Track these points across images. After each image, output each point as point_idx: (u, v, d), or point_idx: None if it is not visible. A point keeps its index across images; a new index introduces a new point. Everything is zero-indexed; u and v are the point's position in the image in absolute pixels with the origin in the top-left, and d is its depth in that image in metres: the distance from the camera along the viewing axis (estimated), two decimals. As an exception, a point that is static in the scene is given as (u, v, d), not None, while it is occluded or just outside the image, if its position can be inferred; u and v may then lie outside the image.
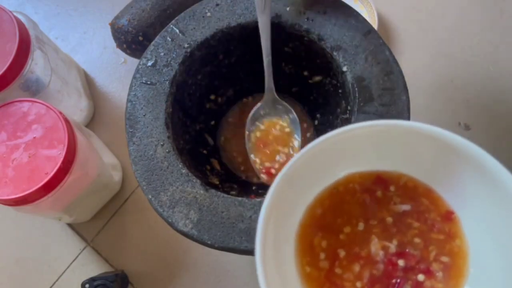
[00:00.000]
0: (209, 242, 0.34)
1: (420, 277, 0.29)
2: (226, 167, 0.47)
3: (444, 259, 0.29)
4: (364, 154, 0.30)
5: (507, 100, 0.55)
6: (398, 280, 0.29)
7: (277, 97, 0.43)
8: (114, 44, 0.55)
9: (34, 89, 0.48)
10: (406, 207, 0.31)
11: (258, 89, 0.49)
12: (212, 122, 0.48)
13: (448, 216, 0.30)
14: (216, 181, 0.42)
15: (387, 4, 0.60)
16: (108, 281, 0.48)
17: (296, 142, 0.42)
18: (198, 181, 0.36)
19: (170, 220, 0.35)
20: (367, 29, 0.38)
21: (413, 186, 0.31)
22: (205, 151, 0.46)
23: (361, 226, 0.31)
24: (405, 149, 0.29)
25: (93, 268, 0.52)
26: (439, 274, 0.29)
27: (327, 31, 0.39)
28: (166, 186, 0.36)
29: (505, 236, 0.27)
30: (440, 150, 0.28)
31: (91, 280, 0.48)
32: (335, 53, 0.38)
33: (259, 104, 0.43)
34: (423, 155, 0.29)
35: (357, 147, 0.30)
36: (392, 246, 0.30)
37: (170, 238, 0.52)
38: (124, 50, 0.55)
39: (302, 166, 0.28)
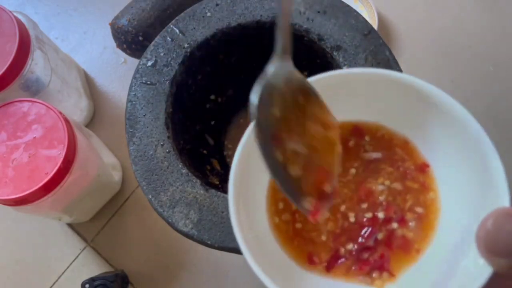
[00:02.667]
0: (209, 242, 0.34)
1: (394, 225, 0.29)
2: (226, 167, 0.47)
3: (419, 209, 0.29)
4: (347, 104, 0.30)
5: (507, 100, 0.55)
6: (370, 229, 0.29)
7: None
8: (114, 44, 0.55)
9: (34, 89, 0.48)
10: (376, 154, 0.30)
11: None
12: (212, 122, 0.48)
13: (423, 168, 0.30)
14: (216, 181, 0.42)
15: (387, 4, 0.60)
16: (108, 281, 0.48)
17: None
18: (198, 181, 0.36)
19: (170, 220, 0.35)
20: (367, 29, 0.38)
21: (389, 138, 0.30)
22: (205, 151, 0.46)
23: None
24: (386, 100, 0.29)
25: (93, 268, 0.52)
26: (412, 224, 0.29)
27: (327, 31, 0.39)
28: (166, 186, 0.36)
29: (473, 193, 0.27)
30: (416, 100, 0.28)
31: (91, 280, 0.48)
32: (335, 53, 0.38)
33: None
34: (401, 106, 0.29)
35: (340, 96, 0.29)
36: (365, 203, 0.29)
37: (170, 238, 0.52)
38: (124, 50, 0.55)
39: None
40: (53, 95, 0.51)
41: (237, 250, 0.34)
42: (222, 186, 0.42)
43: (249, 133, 0.27)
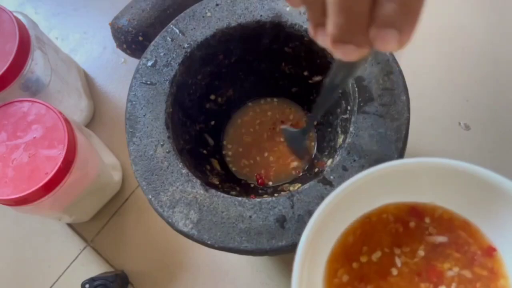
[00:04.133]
0: (209, 242, 0.34)
1: None
2: (226, 167, 0.47)
3: None
4: (400, 187, 0.30)
5: (507, 100, 0.55)
6: None
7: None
8: (114, 44, 0.55)
9: (34, 89, 0.48)
10: (442, 238, 0.30)
11: (259, 90, 0.49)
12: (212, 122, 0.48)
13: (490, 252, 0.29)
14: (216, 181, 0.42)
15: (387, 4, 0.60)
16: (108, 281, 0.48)
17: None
18: (198, 181, 0.36)
19: (170, 220, 0.35)
20: (367, 29, 0.38)
21: (449, 218, 0.30)
22: (205, 151, 0.46)
23: (389, 256, 0.30)
24: (442, 183, 0.29)
25: (93, 268, 0.52)
26: None
27: (327, 31, 0.39)
28: (166, 186, 0.36)
29: None
30: (478, 186, 0.28)
31: (91, 280, 0.48)
32: (335, 53, 0.38)
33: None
34: (460, 190, 0.29)
35: (394, 180, 0.30)
36: (431, 285, 0.29)
37: (170, 238, 0.52)
38: (124, 50, 0.55)
39: (342, 199, 0.28)
40: (53, 95, 0.51)
41: (237, 250, 0.34)
42: (222, 186, 0.42)
43: (314, 220, 0.28)
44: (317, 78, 0.44)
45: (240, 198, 0.35)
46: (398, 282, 0.29)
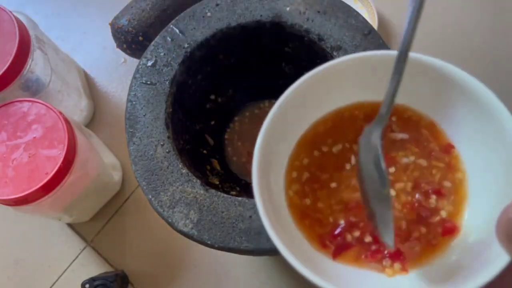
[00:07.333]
0: (209, 242, 0.34)
1: (433, 198, 0.29)
2: (226, 167, 0.47)
3: (447, 184, 0.29)
4: (376, 84, 0.30)
5: (507, 100, 0.55)
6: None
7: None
8: (114, 44, 0.55)
9: (34, 89, 0.48)
10: (403, 135, 0.30)
11: (259, 90, 0.49)
12: (212, 122, 0.48)
13: (448, 149, 0.30)
14: (216, 181, 0.42)
15: (387, 4, 0.60)
16: (108, 281, 0.48)
17: None
18: (198, 181, 0.36)
19: (170, 220, 0.35)
20: (367, 29, 0.38)
21: (417, 119, 0.31)
22: (205, 151, 0.46)
23: (348, 151, 0.31)
24: (411, 82, 0.29)
25: (93, 268, 0.52)
26: (448, 197, 0.28)
27: (327, 31, 0.39)
28: (166, 186, 0.36)
29: (501, 174, 0.26)
30: (441, 83, 0.28)
31: (91, 280, 0.48)
32: (335, 53, 0.38)
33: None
34: (431, 89, 0.29)
35: (369, 74, 0.30)
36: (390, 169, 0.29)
37: (170, 238, 0.52)
38: (124, 50, 0.55)
39: (313, 84, 0.29)
40: (53, 95, 0.51)
41: (237, 250, 0.34)
42: (222, 186, 0.42)
43: (278, 105, 0.28)
44: (317, 78, 0.44)
45: (240, 198, 0.35)
46: (350, 176, 0.30)
